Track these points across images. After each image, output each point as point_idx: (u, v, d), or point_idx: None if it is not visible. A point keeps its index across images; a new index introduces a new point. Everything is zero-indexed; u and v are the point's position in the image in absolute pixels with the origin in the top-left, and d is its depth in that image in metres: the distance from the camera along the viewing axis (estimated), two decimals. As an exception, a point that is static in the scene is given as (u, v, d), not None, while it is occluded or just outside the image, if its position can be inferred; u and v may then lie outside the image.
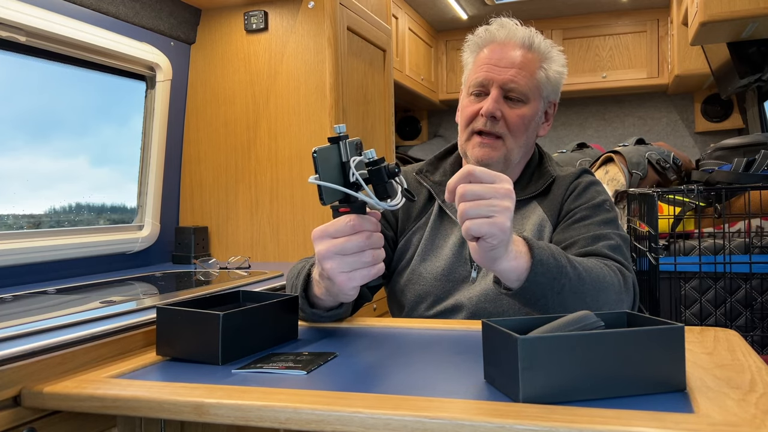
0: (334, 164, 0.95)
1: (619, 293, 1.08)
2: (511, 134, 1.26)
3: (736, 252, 2.10)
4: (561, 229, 1.24)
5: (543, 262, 0.97)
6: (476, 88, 1.27)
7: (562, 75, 1.32)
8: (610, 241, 1.17)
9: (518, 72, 1.24)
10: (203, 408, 0.73)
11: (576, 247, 1.18)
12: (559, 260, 1.00)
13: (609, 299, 1.05)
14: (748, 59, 2.64)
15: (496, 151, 1.26)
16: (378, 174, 0.94)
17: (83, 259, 1.78)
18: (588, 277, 1.03)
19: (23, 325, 0.98)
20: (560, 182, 1.30)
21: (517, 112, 1.26)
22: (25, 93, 1.69)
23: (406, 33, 3.56)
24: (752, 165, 2.32)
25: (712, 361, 0.84)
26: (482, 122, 1.25)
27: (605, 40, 3.94)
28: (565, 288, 0.99)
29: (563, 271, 0.99)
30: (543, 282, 0.97)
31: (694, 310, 2.13)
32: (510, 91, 1.25)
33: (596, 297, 1.03)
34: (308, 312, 1.12)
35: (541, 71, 1.27)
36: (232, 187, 2.21)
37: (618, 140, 4.10)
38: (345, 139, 0.96)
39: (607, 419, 0.62)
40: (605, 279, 1.05)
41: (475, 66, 1.29)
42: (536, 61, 1.27)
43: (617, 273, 1.09)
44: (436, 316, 1.27)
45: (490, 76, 1.25)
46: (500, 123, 1.25)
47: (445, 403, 0.69)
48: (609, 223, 1.23)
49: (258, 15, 2.16)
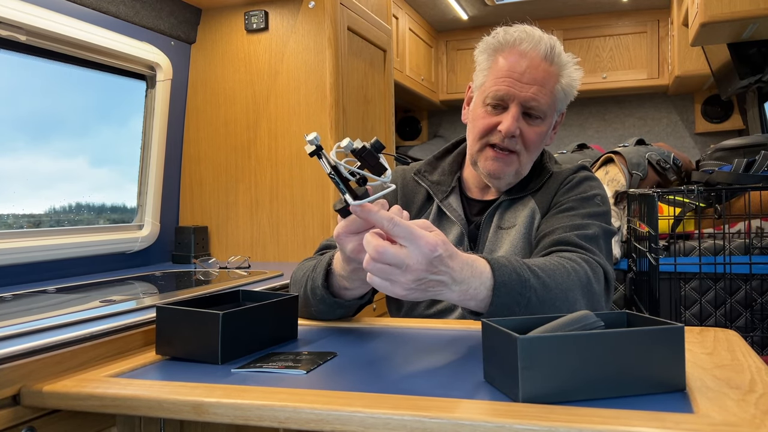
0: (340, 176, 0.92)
1: (588, 285, 1.06)
2: (526, 151, 1.25)
3: (736, 253, 2.10)
4: (546, 218, 1.24)
5: (505, 284, 0.95)
6: (495, 101, 1.23)
7: (576, 88, 1.30)
8: (586, 231, 1.16)
9: (539, 89, 1.21)
10: (203, 407, 0.73)
11: (553, 235, 1.17)
12: (521, 274, 0.97)
13: (577, 295, 1.03)
14: (749, 60, 2.64)
15: (510, 167, 1.25)
16: (370, 155, 0.92)
17: (83, 258, 1.78)
18: (552, 282, 1.01)
19: (23, 324, 0.98)
20: (556, 177, 1.31)
21: (536, 130, 1.24)
22: (26, 93, 1.69)
23: (406, 33, 3.56)
24: (752, 166, 2.31)
25: (712, 362, 0.84)
26: (499, 138, 1.23)
27: (605, 41, 3.94)
28: (532, 300, 0.98)
29: (527, 284, 0.97)
30: (507, 302, 0.95)
31: (694, 311, 2.13)
32: (531, 108, 1.22)
33: (565, 298, 1.01)
34: (329, 303, 1.11)
35: (558, 86, 1.24)
36: (232, 187, 2.21)
37: (618, 141, 4.10)
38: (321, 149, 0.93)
39: (606, 419, 0.62)
40: (569, 277, 1.04)
41: (492, 74, 1.24)
42: (556, 75, 1.24)
43: (583, 265, 1.08)
44: (434, 315, 1.27)
45: (512, 92, 1.21)
46: (517, 140, 1.23)
47: (445, 403, 0.69)
48: (594, 215, 1.21)
49: (258, 15, 2.16)
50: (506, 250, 1.24)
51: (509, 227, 1.27)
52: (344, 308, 1.14)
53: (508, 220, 1.28)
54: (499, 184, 1.29)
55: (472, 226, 1.31)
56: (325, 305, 1.12)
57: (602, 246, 1.18)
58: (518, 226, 1.26)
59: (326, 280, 1.11)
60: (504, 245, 1.25)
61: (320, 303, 1.12)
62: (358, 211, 0.89)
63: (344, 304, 1.12)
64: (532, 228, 1.25)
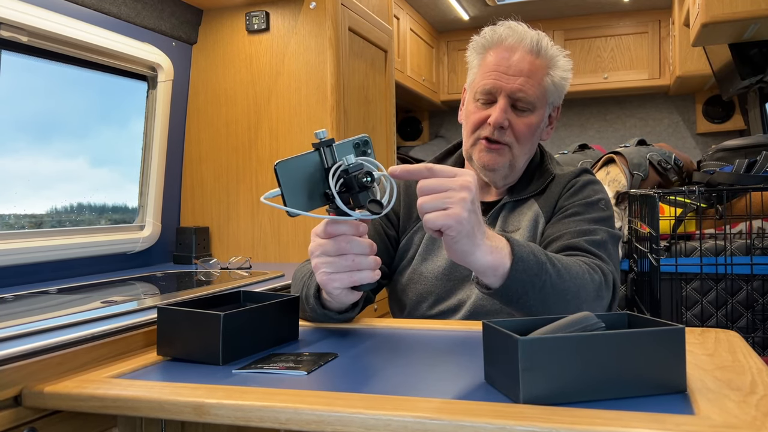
0: (305, 173, 0.95)
1: (599, 290, 1.08)
2: (518, 142, 1.25)
3: (738, 253, 2.10)
4: (552, 223, 1.25)
5: (523, 259, 0.98)
6: (483, 95, 1.25)
7: (567, 80, 1.31)
8: (594, 237, 1.17)
9: (526, 81, 1.23)
10: (204, 408, 0.73)
11: (561, 240, 1.18)
12: (539, 257, 1.00)
13: (589, 296, 1.05)
14: (750, 60, 2.64)
15: (503, 157, 1.26)
16: (349, 184, 0.95)
17: (84, 259, 1.78)
18: (567, 274, 1.03)
19: (24, 325, 0.98)
20: (559, 180, 1.31)
21: (525, 121, 1.25)
22: (27, 94, 1.70)
23: (407, 34, 3.56)
24: (753, 166, 2.31)
25: (713, 363, 0.84)
26: (489, 131, 1.24)
27: (607, 41, 3.94)
28: (546, 284, 0.99)
29: (543, 267, 1.00)
30: (524, 279, 0.97)
31: (695, 312, 2.13)
32: (518, 100, 1.24)
33: (577, 293, 1.03)
34: (320, 312, 1.12)
35: (548, 78, 1.26)
36: (234, 188, 2.22)
37: (619, 141, 4.10)
38: (328, 144, 0.95)
39: (607, 420, 0.62)
40: (584, 276, 1.05)
41: (481, 71, 1.27)
42: (544, 68, 1.25)
43: (596, 270, 1.09)
44: (437, 315, 1.27)
45: (498, 85, 1.23)
46: (507, 132, 1.24)
47: (446, 404, 0.69)
48: (600, 220, 1.23)
49: (259, 15, 2.16)
50: None
51: (513, 231, 1.27)
52: (335, 320, 1.14)
53: (511, 224, 1.28)
54: (494, 177, 1.29)
55: None
56: (316, 314, 1.13)
57: (610, 252, 1.19)
58: (522, 230, 1.26)
59: (319, 290, 1.11)
60: None
61: (312, 312, 1.13)
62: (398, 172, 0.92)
63: (333, 317, 1.13)
64: (536, 232, 1.26)
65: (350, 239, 0.98)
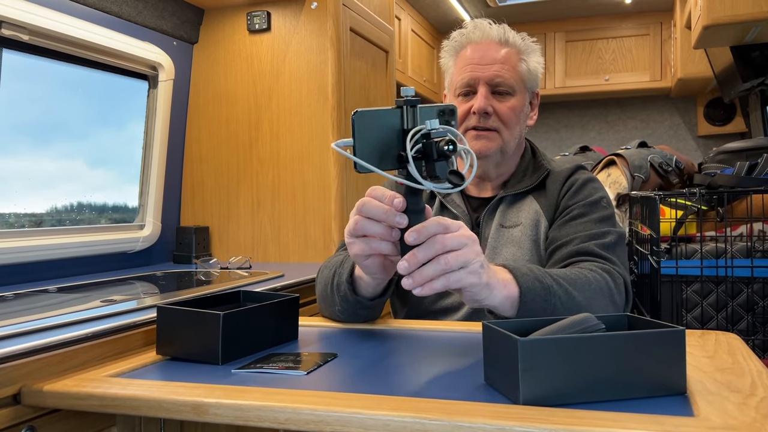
0: (383, 129, 0.87)
1: (610, 296, 1.08)
2: (505, 126, 1.29)
3: (738, 256, 2.10)
4: (557, 226, 1.25)
5: (530, 289, 0.98)
6: (463, 88, 1.29)
7: (541, 65, 1.36)
8: (604, 240, 1.18)
9: (501, 66, 1.28)
10: (203, 407, 0.73)
11: (571, 245, 1.18)
12: (544, 282, 1.00)
13: (600, 304, 1.06)
14: (751, 63, 2.64)
15: (493, 142, 1.28)
16: (427, 150, 0.85)
17: (84, 258, 1.78)
18: (575, 289, 1.03)
19: (24, 324, 0.98)
20: (555, 177, 1.31)
21: (507, 105, 1.29)
22: (28, 94, 1.70)
23: (408, 34, 3.56)
24: (755, 169, 2.31)
25: (713, 365, 0.83)
26: (475, 119, 1.28)
27: (608, 43, 3.94)
28: (557, 307, 0.99)
29: (551, 291, 1.00)
30: (534, 308, 0.98)
31: (695, 314, 2.13)
32: (497, 85, 1.28)
33: (589, 306, 1.03)
34: (351, 300, 1.10)
35: (522, 63, 1.31)
36: (234, 187, 2.22)
37: (620, 143, 4.10)
38: (413, 104, 0.87)
39: (607, 422, 0.62)
40: (591, 286, 1.06)
41: (457, 68, 1.32)
42: (516, 53, 1.30)
43: (604, 275, 1.10)
44: (438, 312, 1.27)
45: (475, 75, 1.28)
46: (492, 117, 1.28)
47: (445, 405, 0.69)
48: (605, 220, 1.24)
49: (261, 15, 2.16)
50: (512, 250, 1.25)
51: (512, 226, 1.27)
52: (366, 309, 1.13)
53: (510, 219, 1.29)
54: (487, 164, 1.31)
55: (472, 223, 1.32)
56: (347, 304, 1.12)
57: (620, 253, 1.20)
58: (523, 226, 1.26)
59: (351, 276, 1.10)
60: (508, 244, 1.26)
61: (343, 301, 1.11)
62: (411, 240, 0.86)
63: (365, 303, 1.11)
64: (538, 231, 1.26)
65: (390, 212, 0.89)
